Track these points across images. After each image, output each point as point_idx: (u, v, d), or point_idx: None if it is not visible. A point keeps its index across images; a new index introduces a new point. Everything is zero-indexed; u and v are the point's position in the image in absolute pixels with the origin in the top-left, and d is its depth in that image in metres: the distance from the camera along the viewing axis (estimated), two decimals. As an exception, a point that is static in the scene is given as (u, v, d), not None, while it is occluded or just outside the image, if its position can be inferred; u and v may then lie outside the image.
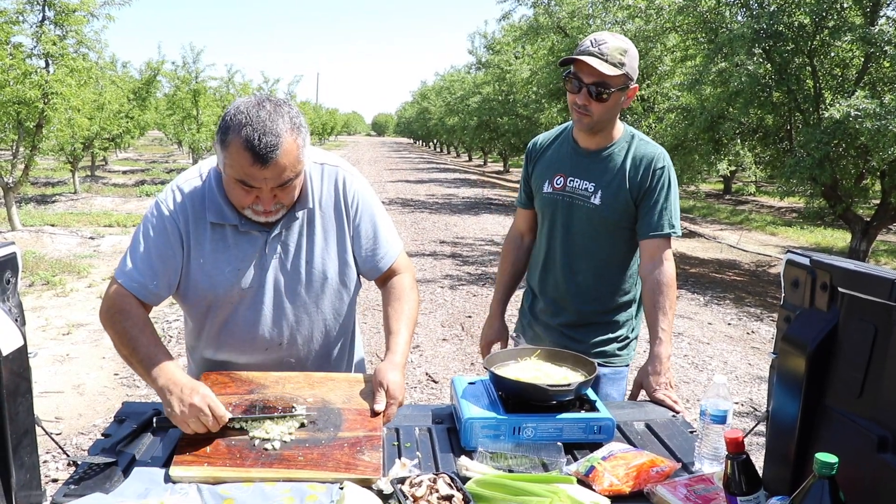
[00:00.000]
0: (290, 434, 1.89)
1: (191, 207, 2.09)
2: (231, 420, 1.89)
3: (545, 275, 2.87)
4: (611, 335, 2.79)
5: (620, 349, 2.82)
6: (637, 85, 2.65)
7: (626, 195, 2.64)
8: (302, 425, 1.93)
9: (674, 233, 2.64)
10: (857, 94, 8.18)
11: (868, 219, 10.20)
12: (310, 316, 2.23)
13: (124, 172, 25.07)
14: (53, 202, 16.33)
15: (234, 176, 1.92)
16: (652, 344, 2.62)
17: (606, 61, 2.49)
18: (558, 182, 2.76)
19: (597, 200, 2.67)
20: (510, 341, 3.12)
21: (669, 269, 2.62)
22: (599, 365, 2.54)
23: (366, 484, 1.75)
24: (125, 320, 2.02)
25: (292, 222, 2.13)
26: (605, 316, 2.78)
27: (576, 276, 2.76)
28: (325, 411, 1.99)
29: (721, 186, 24.13)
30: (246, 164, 1.87)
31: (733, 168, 16.52)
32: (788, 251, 1.83)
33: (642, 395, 2.62)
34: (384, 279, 2.34)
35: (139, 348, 1.97)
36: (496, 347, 3.06)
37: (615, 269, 2.76)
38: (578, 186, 2.71)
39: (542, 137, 2.95)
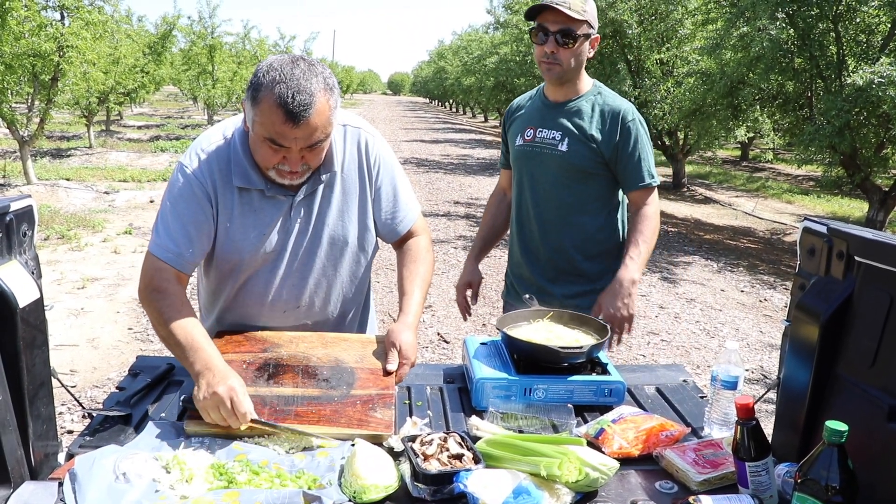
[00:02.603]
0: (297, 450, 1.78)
1: (217, 171, 2.04)
2: (254, 421, 1.75)
3: (520, 228, 2.98)
4: (585, 287, 2.86)
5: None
6: (598, 35, 2.78)
7: (594, 143, 2.74)
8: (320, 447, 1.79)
9: (653, 182, 2.76)
10: (881, 60, 8.04)
11: (886, 189, 10.08)
12: (328, 279, 2.23)
13: (139, 127, 25.06)
14: (68, 156, 16.38)
15: (263, 134, 1.87)
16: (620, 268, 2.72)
17: (570, 8, 2.62)
18: (528, 134, 2.89)
19: (564, 147, 2.78)
20: (524, 302, 3.11)
21: (652, 209, 2.77)
22: None
23: (377, 441, 1.77)
24: (162, 300, 1.97)
25: (317, 186, 2.10)
26: (577, 266, 2.86)
27: (545, 224, 2.87)
28: (338, 370, 2.01)
29: (738, 153, 23.85)
30: (277, 122, 1.82)
31: (751, 135, 16.31)
32: (805, 219, 1.82)
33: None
34: (401, 241, 2.34)
35: (176, 331, 1.90)
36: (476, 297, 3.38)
37: (583, 217, 2.83)
38: (546, 136, 2.83)
39: (519, 99, 3.10)
